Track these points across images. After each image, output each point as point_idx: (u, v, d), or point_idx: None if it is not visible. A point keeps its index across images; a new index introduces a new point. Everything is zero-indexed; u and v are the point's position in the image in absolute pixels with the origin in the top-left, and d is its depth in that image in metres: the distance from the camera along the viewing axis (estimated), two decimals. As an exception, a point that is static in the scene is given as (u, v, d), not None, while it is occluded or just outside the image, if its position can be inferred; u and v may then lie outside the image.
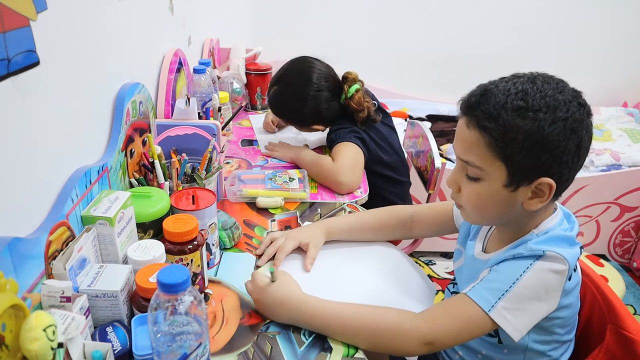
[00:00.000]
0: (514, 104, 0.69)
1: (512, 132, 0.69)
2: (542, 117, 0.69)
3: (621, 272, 2.23)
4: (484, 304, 0.72)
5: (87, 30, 0.86)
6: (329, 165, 1.26)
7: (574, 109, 0.71)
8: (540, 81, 0.72)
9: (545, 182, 0.72)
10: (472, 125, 0.73)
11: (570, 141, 0.70)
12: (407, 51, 2.73)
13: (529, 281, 0.71)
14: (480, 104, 0.72)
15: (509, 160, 0.71)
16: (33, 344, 0.56)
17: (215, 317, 0.83)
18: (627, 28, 2.62)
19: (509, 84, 0.72)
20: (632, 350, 0.75)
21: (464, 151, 0.76)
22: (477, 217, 0.81)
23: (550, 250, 0.72)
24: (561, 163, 0.71)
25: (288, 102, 1.40)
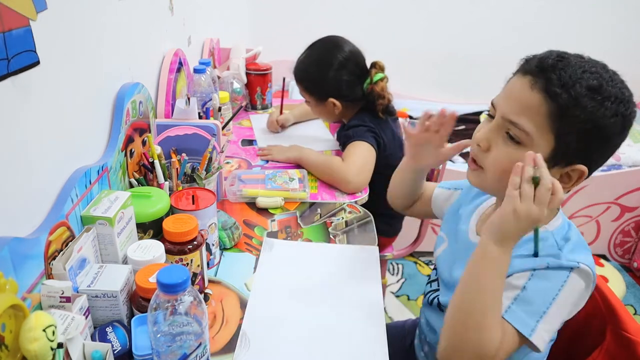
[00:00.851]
0: (589, 82, 0.67)
1: (578, 109, 0.66)
2: (608, 106, 0.67)
3: (621, 272, 2.23)
4: (525, 330, 0.68)
5: (87, 30, 0.86)
6: (339, 164, 1.26)
7: (631, 108, 0.70)
8: (610, 71, 0.71)
9: (579, 169, 0.70)
10: (538, 87, 0.68)
11: (618, 137, 0.69)
12: (407, 51, 2.73)
13: (564, 298, 0.69)
14: (556, 67, 0.68)
15: (561, 137, 0.68)
16: (33, 344, 0.56)
17: (215, 317, 0.83)
18: (627, 28, 2.62)
19: (583, 61, 0.70)
20: (632, 351, 0.75)
21: (516, 111, 0.70)
22: (495, 184, 0.75)
23: (583, 264, 0.70)
24: (602, 155, 0.70)
25: (314, 64, 1.40)
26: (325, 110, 1.44)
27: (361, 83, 1.40)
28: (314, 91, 1.43)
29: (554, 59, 0.69)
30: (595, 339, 0.82)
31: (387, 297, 2.08)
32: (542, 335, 0.68)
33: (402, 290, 2.13)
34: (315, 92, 1.43)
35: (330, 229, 1.09)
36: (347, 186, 1.23)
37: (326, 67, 1.38)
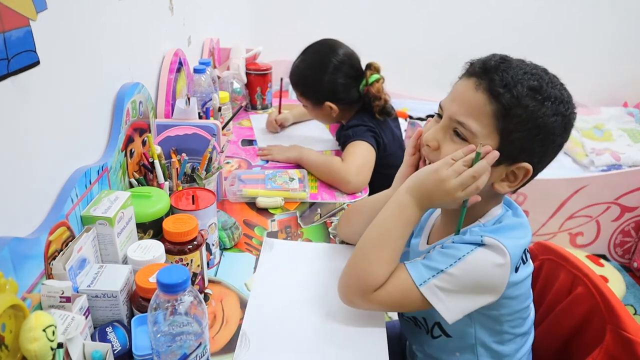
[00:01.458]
0: (530, 83, 0.70)
1: (520, 108, 0.69)
2: (548, 106, 0.70)
3: (621, 272, 2.23)
4: (417, 279, 0.73)
5: (87, 30, 0.86)
6: (338, 165, 1.26)
7: (571, 109, 0.73)
8: (550, 74, 0.74)
9: (524, 167, 0.73)
10: (482, 88, 0.72)
11: (559, 137, 0.73)
12: (407, 51, 2.73)
13: (468, 266, 0.71)
14: (498, 68, 0.71)
15: (505, 136, 0.71)
16: (33, 344, 0.56)
17: (215, 317, 0.83)
18: (627, 28, 2.62)
19: (525, 64, 0.73)
20: (631, 351, 0.75)
21: (463, 112, 0.73)
22: None
23: (492, 238, 0.72)
24: (545, 154, 0.73)
25: (309, 68, 1.40)
26: (322, 113, 1.45)
27: (357, 85, 1.40)
28: (310, 96, 1.44)
29: (496, 61, 0.73)
30: (595, 339, 0.82)
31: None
32: (435, 292, 0.72)
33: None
34: (311, 97, 1.43)
35: (330, 229, 1.09)
36: (347, 186, 1.23)
37: (321, 72, 1.38)
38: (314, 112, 1.46)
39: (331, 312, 0.84)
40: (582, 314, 0.87)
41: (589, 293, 0.86)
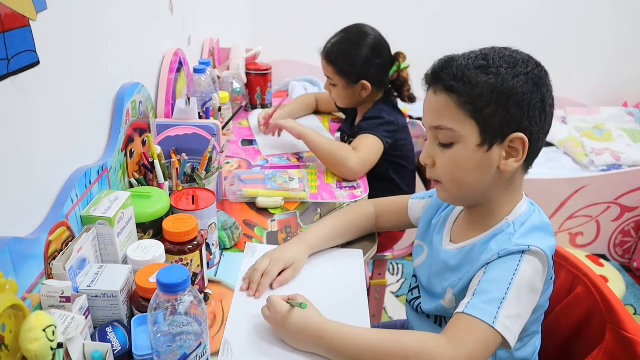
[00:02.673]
0: (477, 63, 0.74)
1: (478, 87, 0.72)
2: (504, 72, 0.72)
3: (621, 272, 2.23)
4: (487, 318, 0.69)
5: (87, 30, 0.86)
6: (346, 150, 1.29)
7: (532, 66, 0.74)
8: (497, 48, 0.78)
9: (517, 137, 0.73)
10: (439, 90, 0.75)
11: (534, 94, 0.72)
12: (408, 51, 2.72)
13: (521, 281, 0.71)
14: (444, 69, 0.75)
15: (479, 116, 0.72)
16: (33, 344, 0.56)
17: (215, 317, 0.83)
18: (627, 28, 2.62)
19: (470, 52, 0.78)
20: (631, 350, 0.75)
21: (434, 118, 0.77)
22: (454, 189, 0.79)
23: (534, 246, 0.72)
24: (529, 117, 0.72)
25: (349, 44, 1.42)
26: (351, 93, 1.45)
27: (387, 71, 1.44)
28: (347, 72, 1.43)
29: (440, 63, 0.78)
30: (595, 338, 0.82)
31: (387, 297, 2.08)
32: (504, 324, 0.69)
33: (402, 290, 2.13)
34: (347, 74, 1.43)
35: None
36: (348, 173, 1.27)
37: (360, 48, 1.40)
38: (345, 90, 1.45)
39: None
40: (582, 313, 0.87)
41: (589, 293, 0.86)
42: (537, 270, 0.73)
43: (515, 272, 0.71)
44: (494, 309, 0.69)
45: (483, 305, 0.70)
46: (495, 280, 0.72)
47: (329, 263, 0.98)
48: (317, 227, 1.01)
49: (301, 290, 0.83)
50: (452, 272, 0.83)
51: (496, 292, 0.70)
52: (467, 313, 0.70)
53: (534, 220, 0.78)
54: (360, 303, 0.87)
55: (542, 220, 0.78)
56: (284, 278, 0.90)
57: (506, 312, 0.69)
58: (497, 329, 0.68)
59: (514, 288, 0.70)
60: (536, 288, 0.73)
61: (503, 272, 0.72)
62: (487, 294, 0.71)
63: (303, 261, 0.95)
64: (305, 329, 0.75)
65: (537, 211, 0.80)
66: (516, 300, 0.70)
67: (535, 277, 0.73)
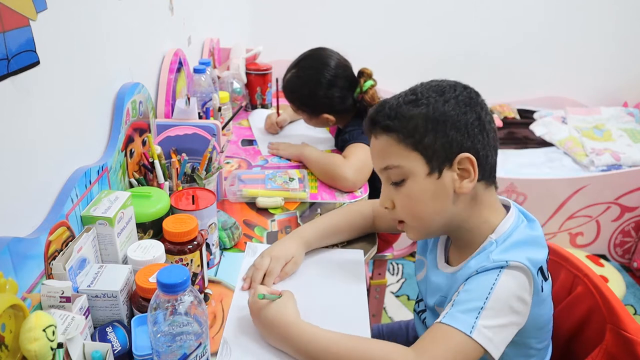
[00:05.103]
0: (407, 99, 0.76)
1: (413, 120, 0.74)
2: (433, 101, 0.74)
3: (621, 272, 2.23)
4: (464, 327, 0.67)
5: (87, 30, 0.86)
6: (339, 161, 1.27)
7: (460, 89, 0.76)
8: (425, 82, 0.80)
9: (464, 158, 0.73)
10: (378, 133, 0.78)
11: (469, 115, 0.74)
12: (409, 52, 2.73)
13: (500, 294, 0.69)
14: (378, 112, 0.78)
15: (420, 147, 0.74)
16: (33, 344, 0.56)
17: (215, 317, 0.83)
18: (628, 29, 2.62)
19: (399, 93, 0.79)
20: (631, 350, 0.75)
21: (380, 160, 0.79)
22: (418, 224, 0.80)
23: (513, 261, 0.70)
24: (470, 136, 0.74)
25: (304, 85, 1.40)
26: (319, 122, 1.45)
27: (352, 93, 1.40)
28: (306, 109, 1.44)
29: (374, 109, 0.80)
30: (595, 338, 0.82)
31: (387, 297, 2.08)
32: (483, 333, 0.67)
33: (402, 290, 2.13)
34: (307, 110, 1.44)
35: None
36: (344, 182, 1.24)
37: (316, 87, 1.37)
38: (311, 121, 1.47)
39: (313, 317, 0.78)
40: (582, 313, 0.87)
41: (589, 293, 0.86)
42: (520, 283, 0.71)
43: (493, 284, 0.69)
44: (471, 318, 0.68)
45: (460, 315, 0.69)
46: (473, 291, 0.71)
47: (330, 263, 0.98)
48: (311, 224, 1.01)
49: (302, 290, 0.83)
50: (439, 292, 0.83)
51: (474, 301, 0.69)
52: (443, 322, 0.69)
53: (518, 234, 0.76)
54: (360, 303, 0.87)
55: (529, 234, 0.76)
56: (284, 272, 0.91)
57: (485, 322, 0.67)
58: (475, 339, 0.66)
59: (492, 299, 0.68)
60: (522, 300, 0.71)
61: (481, 284, 0.71)
62: (464, 304, 0.70)
63: (301, 256, 0.95)
64: (275, 324, 0.75)
65: (524, 224, 0.78)
66: (496, 310, 0.68)
67: (519, 289, 0.70)
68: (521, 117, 2.67)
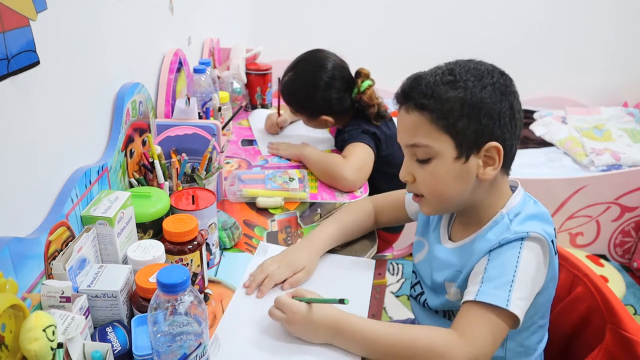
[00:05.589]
0: (444, 79, 0.75)
1: (449, 102, 0.74)
2: (471, 85, 0.74)
3: (621, 272, 2.23)
4: (501, 302, 0.71)
5: (87, 30, 0.86)
6: (338, 161, 1.26)
7: (497, 76, 0.76)
8: (461, 61, 0.79)
9: (492, 146, 0.75)
10: (410, 109, 0.77)
11: (502, 103, 0.74)
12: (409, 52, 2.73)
13: (525, 264, 0.73)
14: (414, 87, 0.77)
15: (453, 131, 0.74)
16: (33, 344, 0.56)
17: (215, 317, 0.83)
18: (628, 29, 2.62)
19: (435, 69, 0.79)
20: (631, 350, 0.75)
21: (408, 136, 0.79)
22: (437, 201, 0.81)
23: (533, 232, 0.74)
24: (501, 125, 0.75)
25: (301, 87, 1.40)
26: (317, 124, 1.46)
27: (350, 94, 1.40)
28: (304, 112, 1.44)
29: (409, 82, 0.79)
30: (595, 338, 0.82)
31: (387, 297, 2.08)
32: (517, 305, 0.71)
33: (402, 290, 2.13)
34: (305, 112, 1.44)
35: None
36: (343, 183, 1.24)
37: (313, 90, 1.37)
38: (310, 123, 1.48)
39: None
40: (582, 313, 0.87)
41: (589, 293, 0.86)
42: (538, 254, 0.75)
43: (518, 258, 0.73)
44: (505, 292, 0.71)
45: (494, 291, 0.72)
46: (501, 266, 0.74)
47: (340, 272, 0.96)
48: (321, 229, 1.00)
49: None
50: (450, 267, 0.84)
51: (504, 276, 0.72)
52: (479, 300, 0.72)
53: (529, 209, 0.79)
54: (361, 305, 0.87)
55: (539, 209, 0.80)
56: (296, 280, 0.90)
57: (517, 294, 0.71)
58: (512, 310, 0.70)
59: (520, 271, 0.72)
60: (540, 270, 0.75)
61: (507, 259, 0.74)
62: (495, 280, 0.73)
63: (314, 265, 0.95)
64: (324, 322, 0.76)
65: (532, 201, 0.82)
66: (523, 282, 0.72)
67: (539, 260, 0.75)
68: (521, 117, 2.66)
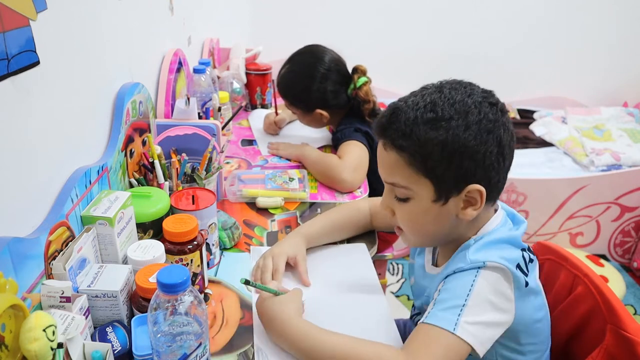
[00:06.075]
0: (425, 117, 0.69)
1: (428, 145, 0.69)
2: (454, 125, 0.68)
3: (621, 272, 2.23)
4: (447, 325, 0.67)
5: (87, 30, 0.86)
6: (335, 163, 1.26)
7: (486, 110, 0.70)
8: (447, 89, 0.72)
9: (474, 189, 0.70)
10: (388, 146, 0.73)
11: (489, 143, 0.69)
12: (409, 52, 2.73)
13: (479, 291, 0.69)
14: (392, 123, 0.72)
15: (432, 174, 0.70)
16: (33, 344, 0.56)
17: (215, 317, 0.83)
18: (628, 29, 2.62)
19: (417, 98, 0.72)
20: (631, 350, 0.75)
21: (387, 174, 0.76)
22: (416, 237, 0.80)
23: (490, 261, 0.70)
24: (485, 167, 0.70)
25: (297, 78, 1.41)
26: (313, 119, 1.45)
27: (345, 89, 1.41)
28: (299, 105, 1.44)
29: (387, 116, 0.73)
30: (595, 338, 0.82)
31: (387, 297, 2.08)
32: (467, 330, 0.66)
33: (402, 290, 2.13)
34: (301, 105, 1.44)
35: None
36: (341, 184, 1.24)
37: (309, 81, 1.38)
38: (305, 118, 1.48)
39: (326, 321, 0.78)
40: (582, 313, 0.87)
41: (589, 293, 0.86)
42: (499, 281, 0.71)
43: (473, 283, 0.69)
44: (453, 315, 0.67)
45: (442, 313, 0.69)
46: (453, 290, 0.70)
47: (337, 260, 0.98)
48: (310, 222, 1.01)
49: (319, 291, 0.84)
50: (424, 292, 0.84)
51: (454, 299, 0.69)
52: (426, 322, 0.69)
53: (498, 234, 0.75)
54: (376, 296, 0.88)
55: (507, 234, 0.76)
56: (303, 269, 0.91)
57: (467, 319, 0.67)
58: (459, 335, 0.66)
59: (473, 296, 0.68)
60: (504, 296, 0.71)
61: (460, 283, 0.70)
62: (445, 302, 0.70)
63: (303, 251, 0.95)
64: (274, 318, 0.76)
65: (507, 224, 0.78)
66: (477, 307, 0.68)
67: (499, 286, 0.70)
68: (521, 117, 2.67)
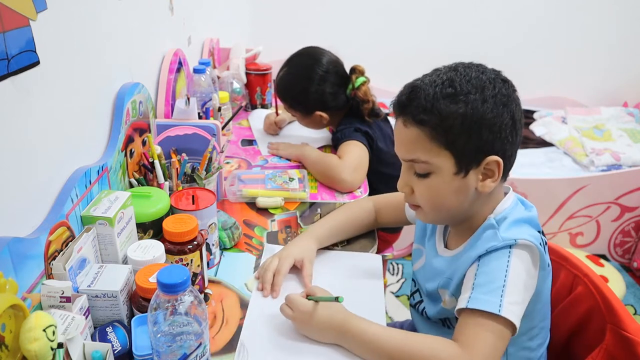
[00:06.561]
0: (444, 92, 0.72)
1: (449, 118, 0.72)
2: (472, 99, 0.71)
3: (621, 272, 2.23)
4: (493, 308, 0.69)
5: (87, 30, 0.86)
6: (335, 163, 1.26)
7: (499, 85, 0.74)
8: (461, 67, 0.76)
9: (492, 160, 0.74)
10: (409, 123, 0.75)
11: (504, 116, 0.73)
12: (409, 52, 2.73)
13: (515, 270, 0.72)
14: (412, 100, 0.75)
15: (452, 147, 0.73)
16: (33, 344, 0.56)
17: (215, 317, 0.83)
18: (628, 29, 2.62)
19: (434, 77, 0.75)
20: (631, 350, 0.75)
21: (407, 151, 0.77)
22: (435, 213, 0.81)
23: (521, 239, 0.73)
24: (502, 139, 0.73)
25: (296, 81, 1.40)
26: (312, 121, 1.45)
27: (344, 90, 1.40)
28: (298, 107, 1.44)
29: (407, 93, 0.76)
30: (595, 338, 0.82)
31: (387, 297, 2.08)
32: (511, 310, 0.69)
33: (402, 290, 2.13)
34: (300, 108, 1.44)
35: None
36: (341, 184, 1.24)
37: (308, 84, 1.38)
38: (304, 121, 1.47)
39: None
40: (582, 313, 0.87)
41: (589, 293, 0.86)
42: (527, 261, 0.74)
43: (507, 265, 0.72)
44: (497, 298, 0.70)
45: (485, 297, 0.71)
46: (491, 272, 0.73)
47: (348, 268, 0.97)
48: (320, 223, 1.02)
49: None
50: (442, 275, 0.84)
51: (495, 282, 0.71)
52: (470, 307, 0.71)
53: (517, 214, 0.78)
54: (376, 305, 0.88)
55: (527, 214, 0.79)
56: (308, 272, 0.91)
57: (509, 299, 0.70)
58: (505, 316, 0.68)
59: (510, 277, 0.71)
60: (532, 275, 0.74)
61: (496, 266, 0.73)
62: (486, 286, 0.72)
63: (313, 253, 0.95)
64: (329, 323, 0.76)
65: (520, 205, 0.81)
66: (515, 287, 0.71)
67: (527, 267, 0.73)
68: (521, 117, 2.66)
